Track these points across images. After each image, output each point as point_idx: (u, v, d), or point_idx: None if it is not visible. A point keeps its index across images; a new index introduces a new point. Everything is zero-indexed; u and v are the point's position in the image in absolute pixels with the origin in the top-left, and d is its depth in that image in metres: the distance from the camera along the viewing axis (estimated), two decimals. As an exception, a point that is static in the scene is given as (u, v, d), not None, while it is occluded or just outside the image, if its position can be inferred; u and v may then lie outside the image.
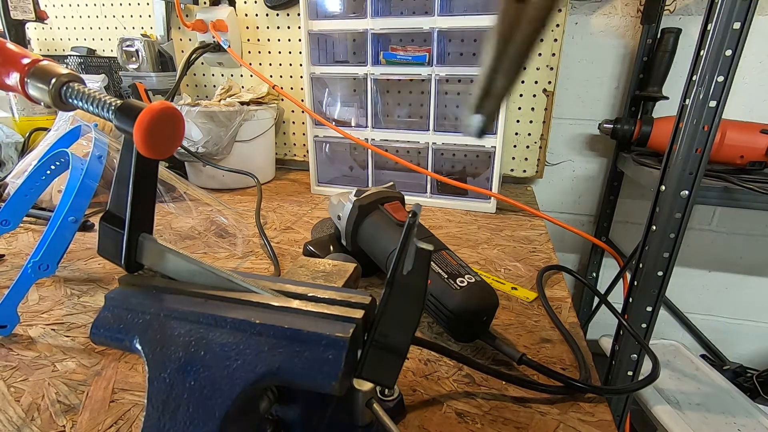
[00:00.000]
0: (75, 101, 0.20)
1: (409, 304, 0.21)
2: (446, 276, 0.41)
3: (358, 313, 0.22)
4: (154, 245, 0.23)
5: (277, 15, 0.97)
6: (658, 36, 0.84)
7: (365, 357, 0.21)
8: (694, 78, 0.56)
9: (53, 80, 0.20)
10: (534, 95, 0.89)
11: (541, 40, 0.84)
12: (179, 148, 0.84)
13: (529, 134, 0.92)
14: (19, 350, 0.39)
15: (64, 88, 0.20)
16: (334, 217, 0.52)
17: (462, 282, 0.40)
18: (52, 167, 0.49)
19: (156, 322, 0.21)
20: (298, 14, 0.90)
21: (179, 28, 1.03)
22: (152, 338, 0.20)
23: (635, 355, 0.68)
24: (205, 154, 0.84)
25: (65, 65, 0.97)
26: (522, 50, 0.20)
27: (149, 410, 0.19)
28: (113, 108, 0.19)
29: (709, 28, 0.54)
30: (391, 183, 0.55)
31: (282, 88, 0.96)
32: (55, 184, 0.67)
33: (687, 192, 0.59)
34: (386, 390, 0.31)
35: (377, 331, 0.21)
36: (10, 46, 0.21)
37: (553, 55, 0.85)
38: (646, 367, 0.74)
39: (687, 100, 0.57)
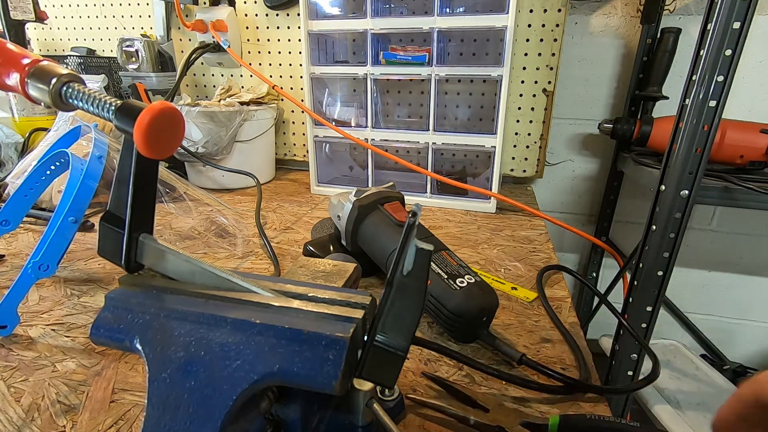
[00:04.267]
0: (75, 101, 0.20)
1: (410, 305, 0.21)
2: (446, 276, 0.41)
3: (358, 313, 0.22)
4: (154, 245, 0.23)
5: (277, 15, 0.97)
6: (658, 36, 0.84)
7: (365, 357, 0.21)
8: (694, 78, 0.56)
9: (53, 80, 0.20)
10: (534, 95, 0.89)
11: (541, 40, 0.84)
12: (179, 148, 0.84)
13: (529, 134, 0.92)
14: (19, 350, 0.39)
15: (65, 88, 0.20)
16: (334, 217, 0.52)
17: (462, 282, 0.40)
18: (52, 167, 0.49)
19: (156, 322, 0.21)
20: (298, 14, 0.90)
21: (179, 28, 1.03)
22: (152, 338, 0.20)
23: (635, 355, 0.68)
24: (205, 154, 0.84)
25: (65, 65, 0.97)
26: None
27: (149, 410, 0.19)
28: (113, 108, 0.19)
29: (708, 27, 0.54)
30: (391, 183, 0.55)
31: (282, 88, 0.96)
32: (55, 185, 0.67)
33: (687, 192, 0.59)
34: (386, 390, 0.31)
35: (377, 331, 0.21)
36: (10, 46, 0.21)
37: (553, 55, 0.85)
38: (646, 366, 0.74)
39: (687, 100, 0.57)
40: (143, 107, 0.18)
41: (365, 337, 0.21)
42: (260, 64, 1.02)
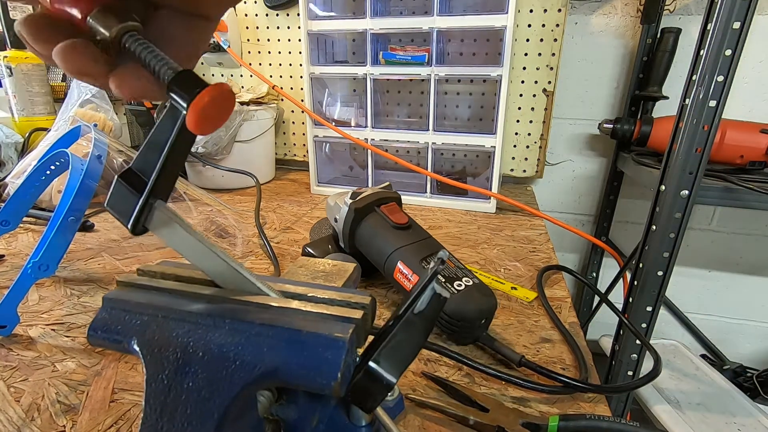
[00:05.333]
0: (133, 52, 0.19)
1: (411, 341, 0.21)
2: (444, 280, 0.41)
3: (358, 314, 0.22)
4: (164, 213, 0.22)
5: (277, 15, 0.97)
6: (658, 36, 0.84)
7: (355, 378, 0.21)
8: (694, 78, 0.56)
9: (119, 25, 0.19)
10: (534, 95, 0.89)
11: (541, 40, 0.84)
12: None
13: (529, 134, 0.92)
14: (19, 350, 0.39)
15: (127, 35, 0.19)
16: (331, 219, 0.52)
17: (459, 286, 0.40)
18: (52, 167, 0.49)
19: (154, 323, 0.21)
20: (298, 14, 0.90)
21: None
22: (150, 339, 0.20)
23: (635, 355, 0.68)
24: (205, 154, 0.84)
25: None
26: None
27: (147, 412, 0.19)
28: (169, 76, 0.18)
29: (708, 27, 0.54)
30: (387, 183, 0.55)
31: (282, 88, 0.96)
32: (54, 185, 0.67)
33: (687, 192, 0.59)
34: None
35: (373, 359, 0.21)
36: None
37: (553, 55, 0.85)
38: (646, 366, 0.75)
39: (687, 100, 0.57)
40: (204, 86, 0.18)
41: (360, 361, 0.21)
42: (260, 64, 1.02)
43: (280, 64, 1.01)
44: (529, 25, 0.84)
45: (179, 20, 0.21)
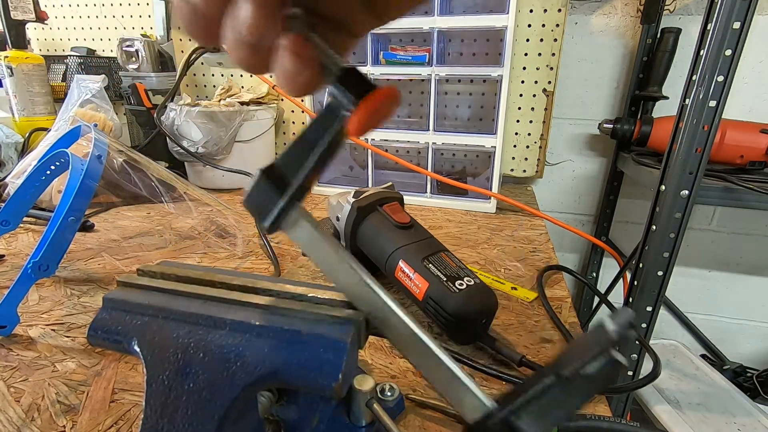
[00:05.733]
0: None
1: (566, 402, 0.17)
2: (445, 279, 0.41)
3: (359, 315, 0.22)
4: (299, 213, 0.21)
5: (277, 15, 0.96)
6: (658, 36, 0.84)
7: (487, 427, 0.18)
8: (694, 78, 0.56)
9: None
10: (534, 95, 0.89)
11: (541, 40, 0.84)
12: (179, 148, 0.84)
13: (529, 134, 0.92)
14: (19, 350, 0.39)
15: (290, 20, 0.18)
16: (333, 218, 0.52)
17: (461, 285, 0.40)
18: (52, 167, 0.49)
19: (154, 323, 0.21)
20: (298, 14, 0.90)
21: (179, 28, 1.03)
22: (151, 340, 0.20)
23: (635, 355, 0.68)
24: (205, 155, 0.84)
25: (66, 66, 0.96)
26: None
27: (147, 412, 0.19)
28: (335, 74, 0.17)
29: (708, 27, 0.54)
30: (390, 183, 0.55)
31: (282, 88, 0.96)
32: (55, 185, 0.67)
33: (687, 192, 0.59)
34: (386, 390, 0.31)
35: (516, 411, 0.17)
36: None
37: (553, 55, 0.85)
38: (646, 367, 0.75)
39: (687, 100, 0.57)
40: (373, 88, 0.17)
41: (502, 407, 0.18)
42: (260, 64, 1.02)
43: (280, 64, 1.00)
44: (529, 25, 0.84)
45: (332, 34, 0.21)
